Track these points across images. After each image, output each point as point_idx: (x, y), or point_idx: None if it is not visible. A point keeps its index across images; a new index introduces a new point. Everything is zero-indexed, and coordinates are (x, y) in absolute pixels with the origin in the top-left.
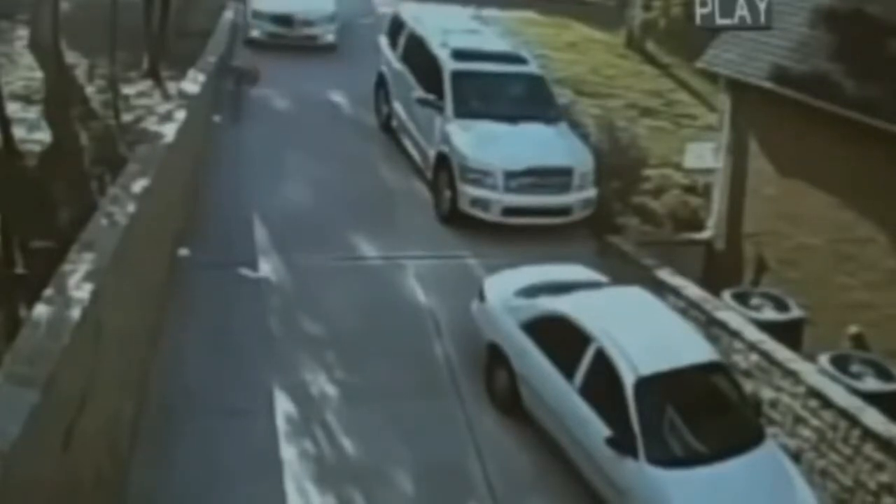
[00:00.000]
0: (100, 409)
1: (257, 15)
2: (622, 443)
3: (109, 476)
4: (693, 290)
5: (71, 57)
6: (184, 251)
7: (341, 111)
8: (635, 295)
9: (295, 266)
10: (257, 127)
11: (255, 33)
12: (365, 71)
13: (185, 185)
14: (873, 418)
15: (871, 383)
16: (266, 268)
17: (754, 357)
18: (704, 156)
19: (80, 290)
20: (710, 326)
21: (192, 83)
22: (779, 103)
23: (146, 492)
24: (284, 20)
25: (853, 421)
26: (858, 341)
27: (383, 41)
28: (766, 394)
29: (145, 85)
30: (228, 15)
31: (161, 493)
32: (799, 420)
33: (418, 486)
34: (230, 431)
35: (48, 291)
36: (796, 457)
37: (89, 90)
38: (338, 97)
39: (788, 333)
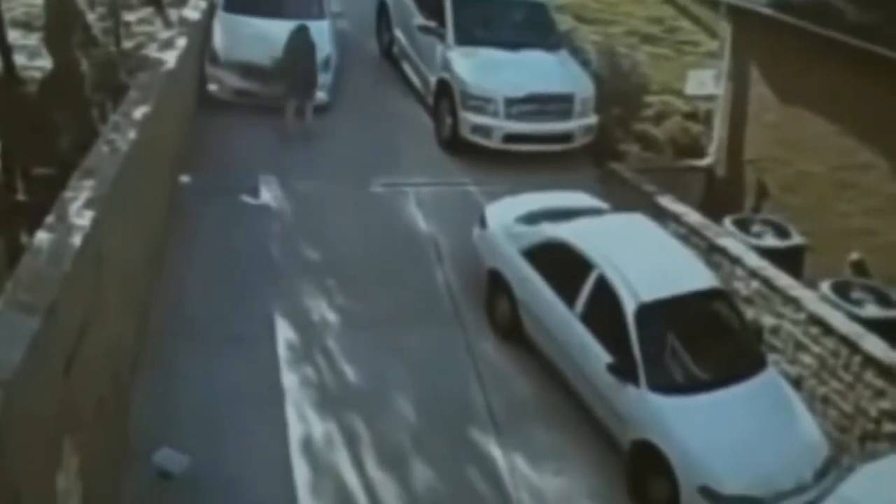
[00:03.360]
0: (101, 335)
1: (217, 61)
2: (623, 370)
3: (111, 403)
4: (694, 217)
5: None
6: (185, 178)
7: (344, 39)
8: (636, 221)
9: (296, 193)
10: None
11: (214, 88)
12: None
13: (185, 112)
14: (874, 345)
15: (872, 310)
16: (267, 195)
17: (755, 284)
18: (705, 82)
19: (82, 218)
20: (711, 253)
21: (194, 10)
22: (780, 30)
23: (148, 419)
24: (254, 72)
25: (854, 348)
26: (859, 268)
27: None
28: (767, 321)
29: (146, 12)
30: None
31: (162, 421)
32: (800, 347)
33: (419, 413)
34: (232, 358)
35: (49, 218)
36: (797, 383)
37: (90, 17)
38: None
39: (789, 260)
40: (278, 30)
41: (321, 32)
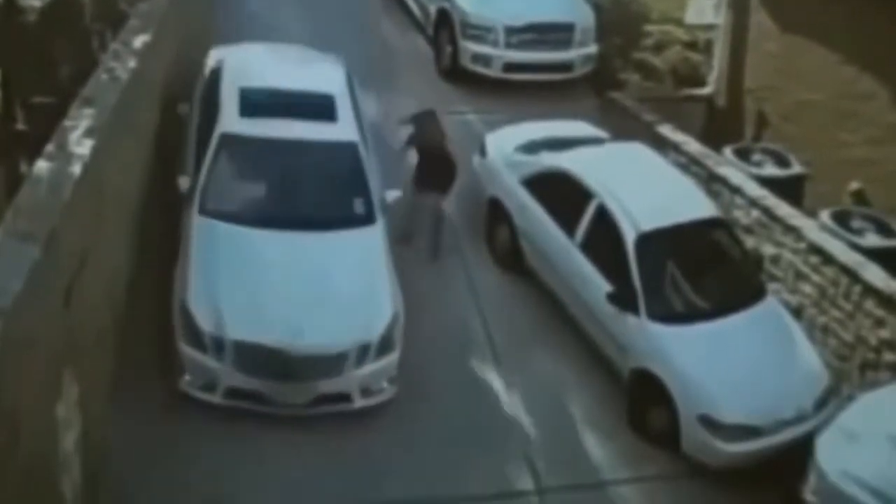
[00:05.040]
0: (101, 265)
1: (197, 336)
2: (623, 299)
3: (110, 332)
4: (694, 146)
5: None
6: (183, 108)
7: None
8: (636, 151)
9: None
10: None
11: (194, 389)
12: None
13: (186, 41)
14: (874, 274)
15: (872, 239)
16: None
17: (755, 213)
18: (705, 11)
19: (82, 146)
20: (711, 182)
21: None
22: None
23: (147, 346)
24: (272, 360)
25: (854, 277)
26: (859, 197)
27: None
28: (768, 250)
29: None
30: None
31: (161, 344)
32: (800, 276)
33: (419, 342)
34: None
35: (49, 147)
36: (797, 313)
37: None
38: None
39: (790, 189)
40: (300, 254)
41: (371, 263)
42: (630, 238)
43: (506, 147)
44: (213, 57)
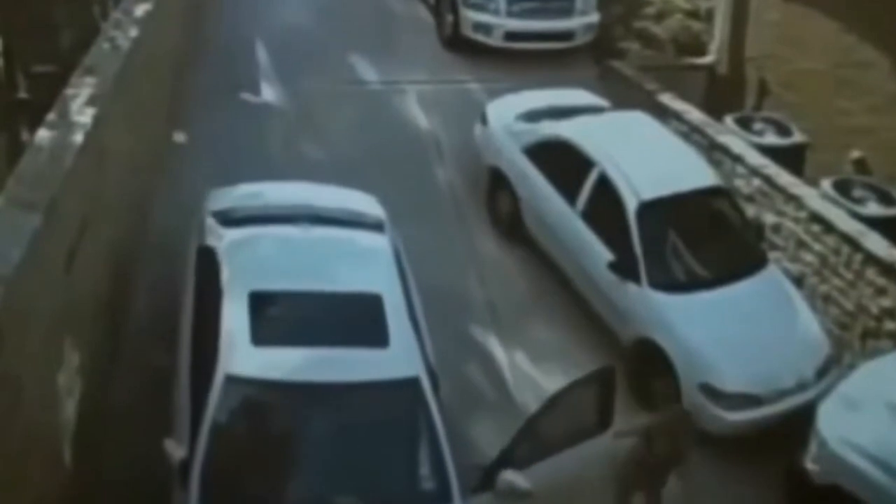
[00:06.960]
0: (103, 233)
1: None
2: (624, 268)
3: (110, 299)
4: (695, 115)
5: None
6: (185, 78)
7: None
8: (637, 119)
9: (297, 91)
10: None
11: None
12: None
13: (187, 10)
14: (875, 243)
15: (873, 208)
16: (268, 92)
17: (756, 181)
18: None
19: (83, 115)
20: (713, 151)
21: None
22: None
23: (146, 314)
24: None
25: (855, 246)
26: (860, 166)
27: None
28: (769, 218)
29: None
30: None
31: (161, 312)
32: (801, 245)
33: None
34: None
35: (51, 116)
36: (798, 282)
37: None
38: None
39: (790, 158)
40: None
41: None
42: (631, 206)
43: (507, 116)
44: (210, 230)
